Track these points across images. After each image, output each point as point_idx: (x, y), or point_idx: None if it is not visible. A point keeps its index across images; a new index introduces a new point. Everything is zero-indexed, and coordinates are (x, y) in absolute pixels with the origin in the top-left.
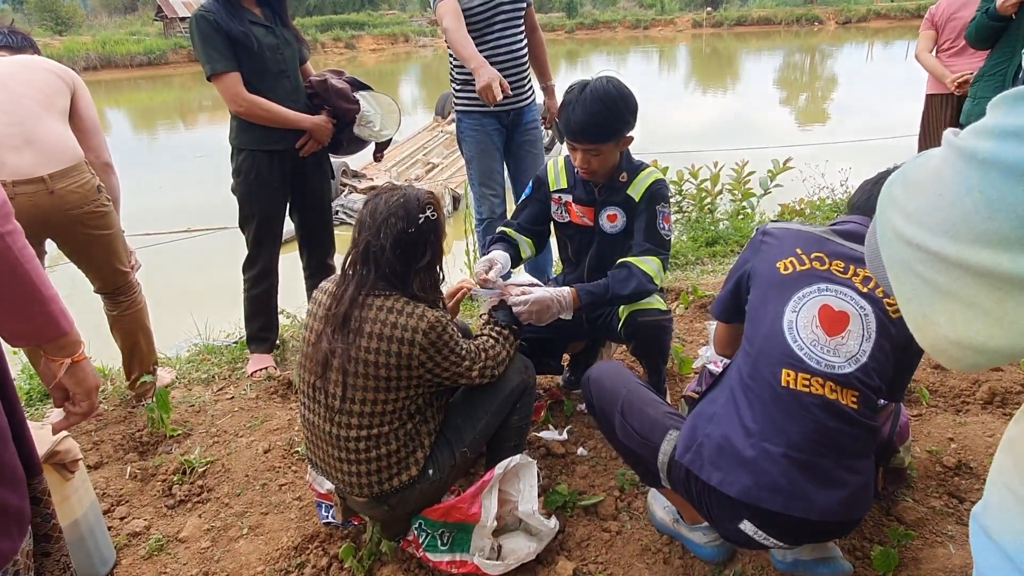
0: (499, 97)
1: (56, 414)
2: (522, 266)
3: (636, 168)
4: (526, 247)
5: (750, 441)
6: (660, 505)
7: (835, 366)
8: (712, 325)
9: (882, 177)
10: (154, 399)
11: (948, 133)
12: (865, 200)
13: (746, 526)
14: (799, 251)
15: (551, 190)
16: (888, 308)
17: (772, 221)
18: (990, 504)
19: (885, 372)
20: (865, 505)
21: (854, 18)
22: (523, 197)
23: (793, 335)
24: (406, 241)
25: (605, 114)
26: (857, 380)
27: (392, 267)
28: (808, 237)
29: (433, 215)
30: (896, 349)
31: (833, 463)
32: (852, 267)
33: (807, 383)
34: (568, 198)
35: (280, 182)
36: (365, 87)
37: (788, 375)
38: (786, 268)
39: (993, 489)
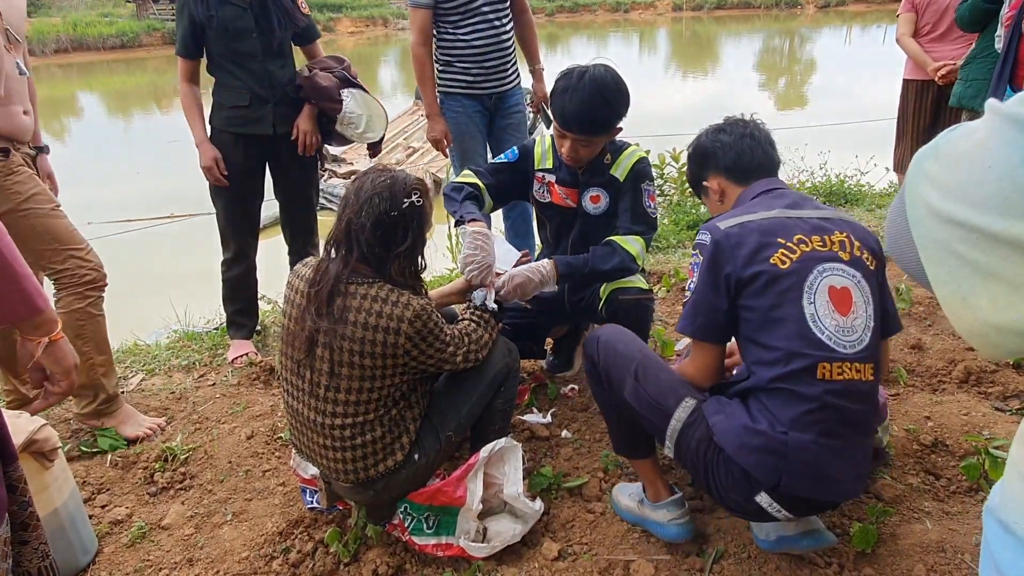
0: (446, 153)
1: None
2: (502, 236)
3: (619, 148)
4: (487, 208)
5: (779, 429)
6: (625, 494)
7: (855, 344)
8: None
9: (747, 131)
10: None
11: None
12: (759, 160)
13: (762, 498)
14: (781, 240)
15: (536, 167)
16: (867, 263)
17: (706, 222)
18: (1008, 496)
19: (879, 327)
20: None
21: (833, 2)
22: (505, 159)
23: (819, 327)
24: (387, 223)
25: (604, 106)
26: (873, 347)
27: (371, 248)
28: (775, 223)
29: (419, 201)
30: (879, 300)
31: (856, 445)
32: (826, 237)
33: (840, 371)
34: (552, 179)
35: (247, 164)
36: (357, 85)
37: (824, 368)
38: (783, 262)
39: (1010, 482)
